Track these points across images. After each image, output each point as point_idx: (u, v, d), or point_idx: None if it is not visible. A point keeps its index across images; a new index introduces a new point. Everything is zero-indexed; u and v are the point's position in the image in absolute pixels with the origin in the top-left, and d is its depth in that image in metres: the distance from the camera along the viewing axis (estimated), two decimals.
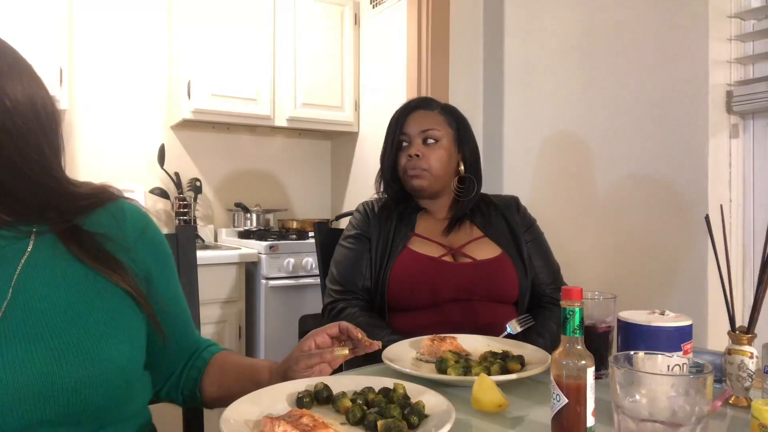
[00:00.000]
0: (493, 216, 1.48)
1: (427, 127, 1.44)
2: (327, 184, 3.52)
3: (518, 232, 1.45)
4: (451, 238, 1.43)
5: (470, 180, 1.48)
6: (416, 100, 1.52)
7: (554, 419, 0.70)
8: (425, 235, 1.43)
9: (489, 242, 1.42)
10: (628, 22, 1.81)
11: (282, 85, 2.93)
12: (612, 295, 0.98)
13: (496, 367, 0.94)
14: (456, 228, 1.44)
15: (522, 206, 1.53)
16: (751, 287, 1.01)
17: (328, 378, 0.88)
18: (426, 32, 2.50)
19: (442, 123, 1.46)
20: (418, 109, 1.48)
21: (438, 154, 1.43)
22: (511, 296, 1.38)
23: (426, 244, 1.40)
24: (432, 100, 1.52)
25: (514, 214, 1.49)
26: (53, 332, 0.71)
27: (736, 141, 1.61)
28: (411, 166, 1.42)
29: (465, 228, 1.45)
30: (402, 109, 1.50)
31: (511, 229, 1.45)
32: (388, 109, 2.95)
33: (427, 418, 0.76)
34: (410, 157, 1.43)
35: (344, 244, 1.46)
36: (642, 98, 1.76)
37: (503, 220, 1.47)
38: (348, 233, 1.47)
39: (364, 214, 1.48)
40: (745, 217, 1.61)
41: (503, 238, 1.43)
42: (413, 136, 1.44)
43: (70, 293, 0.75)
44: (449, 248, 1.40)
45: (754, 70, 1.59)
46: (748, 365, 0.84)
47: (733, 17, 1.59)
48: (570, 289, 0.69)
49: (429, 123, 1.44)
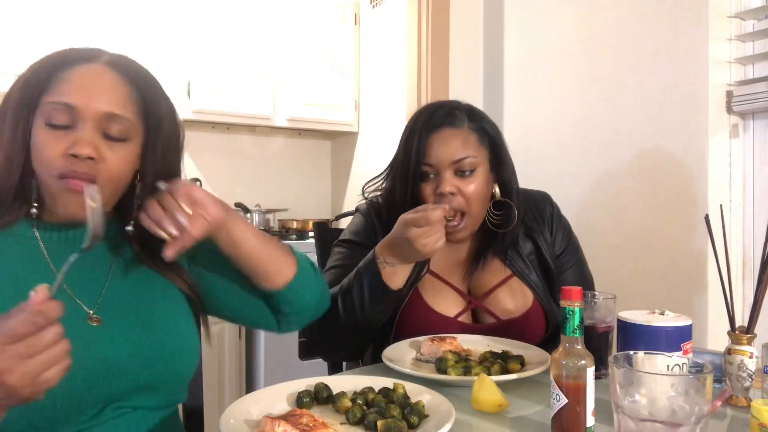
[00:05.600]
0: (521, 242, 1.23)
1: (461, 156, 1.12)
2: (327, 184, 3.52)
3: (551, 261, 1.23)
4: (474, 281, 1.21)
5: (508, 206, 1.19)
6: (440, 115, 1.16)
7: (554, 419, 0.70)
8: (441, 274, 1.21)
9: (519, 285, 1.20)
10: (628, 22, 1.81)
11: (282, 84, 2.93)
12: (612, 295, 0.98)
13: (496, 367, 0.94)
14: (481, 264, 1.21)
15: (555, 215, 1.29)
16: (751, 287, 1.01)
17: (328, 378, 0.88)
18: (426, 31, 2.50)
19: (475, 144, 1.15)
20: (444, 127, 1.15)
21: (476, 186, 1.13)
22: (533, 344, 1.13)
23: (441, 291, 1.18)
24: (457, 110, 1.18)
25: (545, 236, 1.25)
26: (141, 313, 0.84)
27: (736, 141, 1.61)
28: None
29: (490, 264, 1.21)
30: (422, 125, 1.15)
31: (541, 259, 1.23)
32: (388, 109, 2.99)
33: (427, 418, 0.76)
34: (442, 195, 1.12)
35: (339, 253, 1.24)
36: (642, 98, 1.76)
37: (532, 244, 1.24)
38: (349, 238, 1.25)
39: (369, 219, 1.25)
40: (745, 217, 1.61)
41: (534, 274, 1.21)
42: (442, 168, 1.13)
43: (150, 283, 0.88)
44: (470, 301, 1.20)
45: (754, 70, 1.59)
46: (747, 365, 0.85)
47: (733, 17, 1.59)
48: (570, 289, 0.70)
49: (461, 148, 1.13)
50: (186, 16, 2.69)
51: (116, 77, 0.81)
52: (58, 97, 0.77)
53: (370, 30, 3.07)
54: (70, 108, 0.76)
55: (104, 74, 0.80)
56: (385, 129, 2.96)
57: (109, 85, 0.79)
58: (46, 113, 0.77)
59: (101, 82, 0.79)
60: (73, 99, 0.76)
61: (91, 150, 0.76)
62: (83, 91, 0.77)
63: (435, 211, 1.01)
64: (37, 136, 0.77)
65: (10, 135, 0.78)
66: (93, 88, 0.78)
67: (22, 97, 0.78)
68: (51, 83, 0.78)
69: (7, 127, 0.78)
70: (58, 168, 0.76)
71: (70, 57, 0.80)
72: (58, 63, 0.79)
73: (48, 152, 0.76)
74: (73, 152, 0.75)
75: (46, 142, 0.76)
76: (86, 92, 0.77)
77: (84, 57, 0.81)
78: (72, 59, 0.80)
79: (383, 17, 2.95)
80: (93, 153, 0.76)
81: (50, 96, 0.77)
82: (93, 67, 0.80)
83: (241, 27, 2.80)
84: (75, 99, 0.76)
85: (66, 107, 0.76)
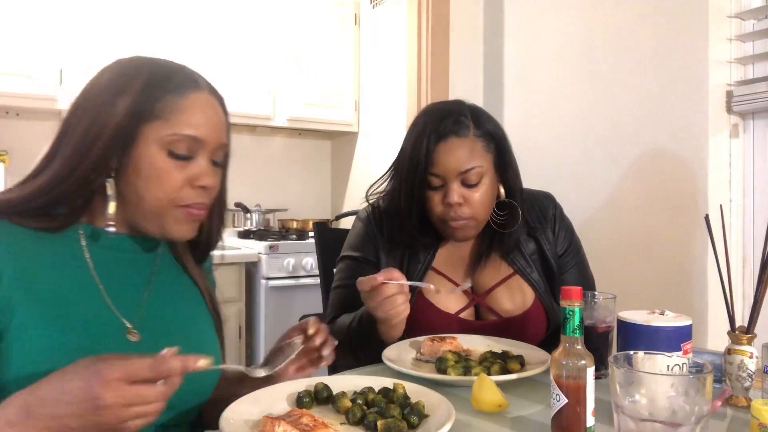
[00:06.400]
0: (523, 241, 1.25)
1: (468, 167, 1.13)
2: (327, 184, 3.52)
3: (553, 261, 1.25)
4: (477, 278, 1.23)
5: (513, 207, 1.21)
6: (447, 123, 1.15)
7: (554, 419, 0.70)
8: (445, 272, 1.24)
9: (520, 283, 1.22)
10: (628, 22, 1.81)
11: (282, 84, 2.93)
12: (612, 295, 0.98)
13: (496, 367, 0.94)
14: (483, 263, 1.23)
15: (558, 215, 1.31)
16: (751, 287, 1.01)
17: (328, 378, 0.88)
18: (426, 32, 2.50)
19: (482, 152, 1.16)
20: (451, 137, 1.14)
21: (482, 194, 1.15)
22: (535, 344, 1.15)
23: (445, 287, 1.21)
24: (463, 117, 1.17)
25: (548, 235, 1.27)
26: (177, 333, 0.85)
27: (736, 141, 1.61)
28: (453, 217, 1.15)
29: (493, 262, 1.24)
30: (429, 134, 1.15)
31: (544, 259, 1.25)
32: (388, 109, 2.99)
33: (427, 418, 0.76)
34: (449, 205, 1.14)
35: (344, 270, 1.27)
36: (642, 98, 1.76)
37: (535, 244, 1.26)
38: (350, 254, 1.27)
39: (369, 229, 1.26)
40: (745, 217, 1.61)
41: (536, 273, 1.23)
42: (449, 179, 1.14)
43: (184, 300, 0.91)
44: (472, 297, 1.22)
45: (754, 70, 1.59)
46: (747, 365, 0.85)
47: (733, 17, 1.59)
48: (570, 290, 0.70)
49: (468, 158, 1.13)
50: (185, 16, 2.69)
51: (219, 106, 0.85)
52: (183, 129, 0.79)
53: (370, 30, 3.07)
54: (196, 141, 0.80)
55: (214, 105, 0.84)
56: (385, 129, 2.96)
57: (220, 117, 0.85)
58: (168, 142, 0.78)
59: (216, 113, 0.84)
60: (201, 133, 0.80)
61: (216, 182, 0.83)
62: (207, 126, 0.81)
63: (387, 288, 1.00)
64: (156, 163, 0.78)
65: (96, 147, 0.77)
66: (213, 121, 0.82)
67: (124, 117, 0.77)
68: (162, 108, 0.79)
69: (85, 138, 0.77)
70: (185, 198, 0.80)
71: (178, 79, 0.82)
72: (161, 83, 0.80)
73: (172, 182, 0.79)
74: (202, 184, 0.80)
75: (171, 172, 0.79)
76: (209, 126, 0.81)
77: (190, 82, 0.83)
78: (180, 83, 0.81)
79: (383, 17, 2.95)
80: (217, 184, 0.83)
81: (168, 125, 0.78)
82: (205, 97, 0.83)
83: (241, 27, 2.80)
84: (203, 133, 0.80)
85: (191, 139, 0.79)
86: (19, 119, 2.66)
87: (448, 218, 1.16)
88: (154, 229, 0.82)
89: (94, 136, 0.77)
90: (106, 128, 0.77)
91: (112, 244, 0.83)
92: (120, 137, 0.77)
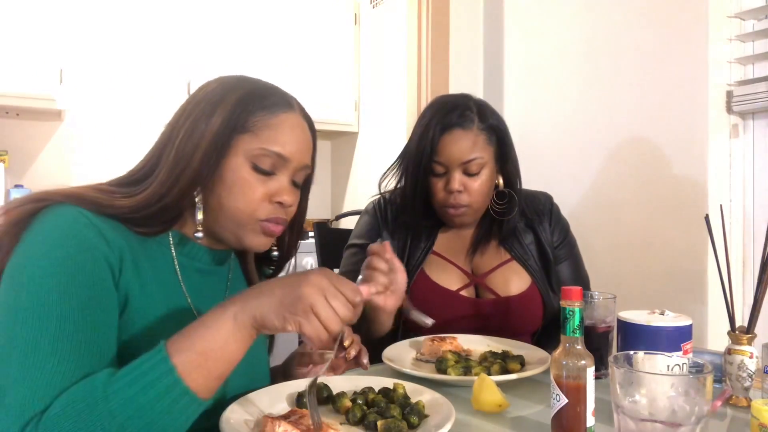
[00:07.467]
0: (522, 232, 1.32)
1: (470, 157, 1.20)
2: (327, 184, 3.52)
3: (549, 250, 1.31)
4: (476, 261, 1.30)
5: (511, 196, 1.29)
6: (453, 116, 1.22)
7: (554, 419, 0.70)
8: (446, 254, 1.30)
9: (517, 268, 1.28)
10: (628, 23, 1.81)
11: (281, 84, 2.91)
12: (612, 295, 0.98)
13: (496, 367, 0.94)
14: (482, 247, 1.30)
15: (555, 211, 1.37)
16: (751, 287, 1.01)
17: (328, 378, 0.88)
18: (426, 31, 2.50)
19: (484, 145, 1.23)
20: (455, 128, 1.21)
21: (481, 184, 1.23)
22: (532, 330, 1.27)
23: (445, 269, 1.27)
24: (468, 111, 1.24)
25: (545, 226, 1.34)
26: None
27: (736, 141, 1.61)
28: (452, 204, 1.22)
29: (492, 248, 1.31)
30: (435, 125, 1.22)
31: (541, 248, 1.31)
32: (388, 109, 2.98)
33: (427, 418, 0.76)
34: (450, 192, 1.22)
35: (349, 257, 1.32)
36: (642, 98, 1.76)
37: (533, 235, 1.33)
38: (356, 242, 1.33)
39: (375, 219, 1.33)
40: (745, 217, 1.61)
41: (533, 260, 1.30)
42: (452, 167, 1.21)
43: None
44: (472, 278, 1.28)
45: (754, 70, 1.59)
46: (748, 365, 0.85)
47: (733, 17, 1.59)
48: (570, 289, 0.69)
49: (470, 150, 1.20)
50: (185, 15, 2.69)
51: (308, 129, 0.88)
52: (270, 146, 0.80)
53: (370, 30, 3.07)
54: (281, 158, 0.81)
55: (303, 127, 0.86)
56: (385, 129, 2.96)
57: (308, 140, 0.87)
58: (254, 156, 0.80)
59: (305, 136, 0.86)
60: (287, 151, 0.82)
61: (294, 200, 0.85)
62: (293, 145, 0.83)
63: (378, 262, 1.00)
64: (241, 174, 0.80)
65: (195, 156, 0.78)
66: (301, 142, 0.84)
67: (220, 127, 0.79)
68: (254, 122, 0.81)
69: (186, 144, 0.79)
70: (264, 213, 0.81)
71: (273, 98, 0.84)
72: (257, 99, 0.82)
73: (252, 195, 0.80)
74: (281, 201, 0.82)
75: (253, 184, 0.80)
76: (295, 146, 0.83)
77: (284, 102, 0.85)
78: (274, 101, 0.84)
79: (383, 17, 2.95)
80: (294, 203, 0.85)
81: (257, 139, 0.80)
82: (296, 118, 0.85)
83: (240, 27, 2.80)
84: (288, 151, 0.82)
85: (277, 156, 0.81)
86: (19, 119, 2.66)
87: (448, 204, 1.23)
88: (231, 238, 0.83)
89: (194, 144, 0.78)
90: (204, 137, 0.79)
91: (192, 253, 0.85)
92: (216, 147, 0.79)
